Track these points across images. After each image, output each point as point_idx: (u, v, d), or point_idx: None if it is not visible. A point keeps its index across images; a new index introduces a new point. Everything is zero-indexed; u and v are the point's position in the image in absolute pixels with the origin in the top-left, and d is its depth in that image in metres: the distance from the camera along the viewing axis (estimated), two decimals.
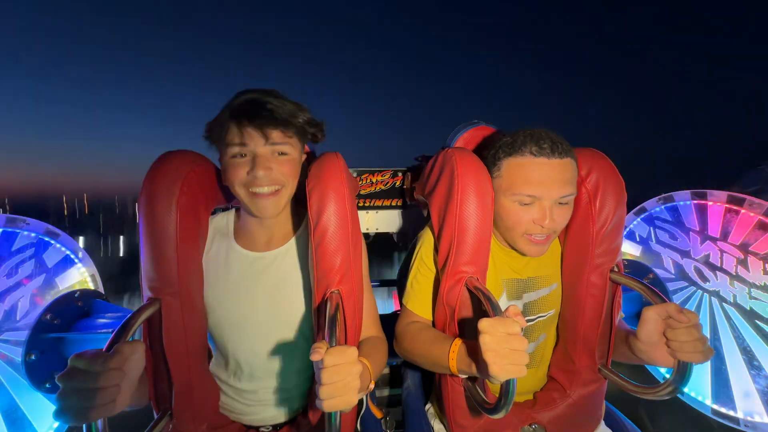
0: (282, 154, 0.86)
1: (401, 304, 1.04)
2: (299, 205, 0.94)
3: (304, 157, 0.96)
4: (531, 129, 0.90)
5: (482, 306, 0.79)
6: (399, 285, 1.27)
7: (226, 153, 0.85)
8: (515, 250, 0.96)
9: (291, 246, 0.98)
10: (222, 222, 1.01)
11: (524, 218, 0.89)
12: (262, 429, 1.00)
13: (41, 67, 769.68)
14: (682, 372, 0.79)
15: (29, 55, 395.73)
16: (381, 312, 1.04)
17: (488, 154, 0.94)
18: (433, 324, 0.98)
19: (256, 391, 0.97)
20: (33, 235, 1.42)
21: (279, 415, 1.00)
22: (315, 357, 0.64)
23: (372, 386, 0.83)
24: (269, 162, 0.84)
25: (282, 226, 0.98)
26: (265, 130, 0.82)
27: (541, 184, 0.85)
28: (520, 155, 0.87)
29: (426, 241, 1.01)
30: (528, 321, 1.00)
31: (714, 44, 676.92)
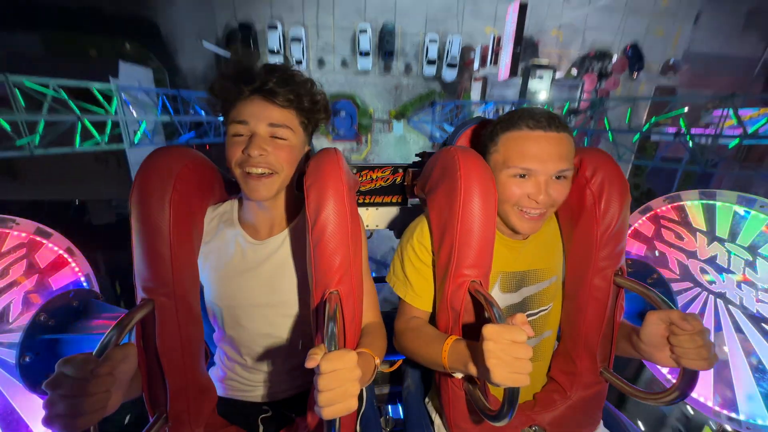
0: (281, 138, 0.85)
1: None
2: (299, 190, 0.92)
3: (307, 148, 0.95)
4: (529, 107, 0.92)
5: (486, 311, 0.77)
6: None
7: (228, 130, 0.86)
8: (508, 226, 0.94)
9: (290, 232, 0.98)
10: (227, 210, 1.00)
11: (518, 192, 0.87)
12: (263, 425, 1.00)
13: None
14: (688, 379, 0.78)
15: None
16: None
17: (486, 132, 0.94)
18: (437, 327, 0.96)
19: (259, 368, 0.99)
20: (24, 235, 1.40)
21: (283, 391, 1.02)
22: (310, 364, 0.61)
23: (378, 368, 0.83)
24: (266, 143, 0.83)
25: (281, 212, 0.97)
26: (267, 106, 0.82)
27: (536, 158, 0.85)
28: (516, 129, 0.88)
29: (420, 231, 0.97)
30: (531, 315, 0.98)
31: None
